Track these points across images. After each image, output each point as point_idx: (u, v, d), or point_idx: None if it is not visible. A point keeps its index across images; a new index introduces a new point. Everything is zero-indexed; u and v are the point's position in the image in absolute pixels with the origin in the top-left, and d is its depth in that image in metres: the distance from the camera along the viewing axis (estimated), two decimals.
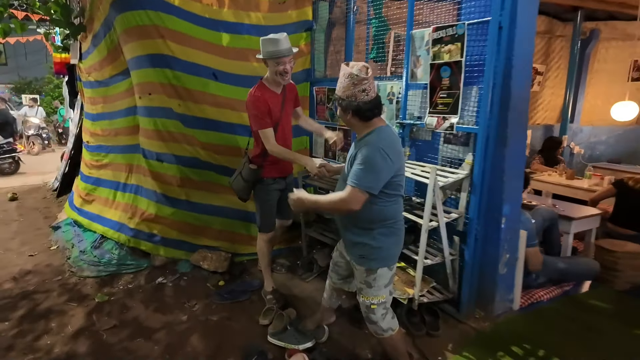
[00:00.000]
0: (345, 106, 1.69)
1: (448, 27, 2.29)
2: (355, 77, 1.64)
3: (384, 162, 1.62)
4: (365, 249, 1.82)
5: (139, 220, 3.74)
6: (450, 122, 2.34)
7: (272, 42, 2.38)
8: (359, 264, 1.86)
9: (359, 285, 1.90)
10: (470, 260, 2.37)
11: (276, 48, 2.38)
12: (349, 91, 1.67)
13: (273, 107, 2.49)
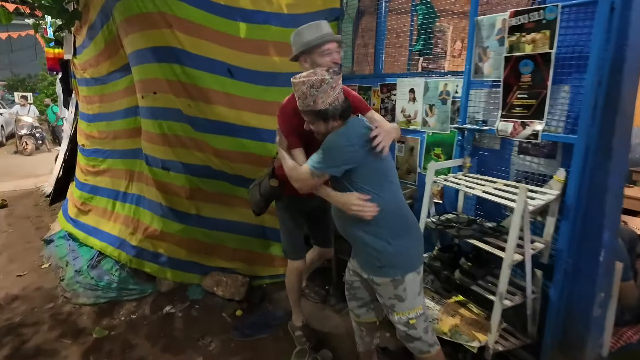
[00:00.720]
0: (332, 114, 1.57)
1: (532, 10, 1.83)
2: (330, 80, 1.54)
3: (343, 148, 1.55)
4: (383, 257, 1.62)
5: (142, 236, 3.28)
6: (534, 129, 1.89)
7: (310, 28, 1.80)
8: (380, 275, 1.65)
9: (389, 302, 1.68)
10: (556, 299, 1.92)
11: (319, 33, 1.78)
12: (330, 97, 1.55)
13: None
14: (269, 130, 3.06)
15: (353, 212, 1.59)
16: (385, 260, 1.63)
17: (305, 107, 1.58)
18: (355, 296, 1.90)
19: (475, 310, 2.17)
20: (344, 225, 1.73)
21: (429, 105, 2.53)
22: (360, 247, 1.69)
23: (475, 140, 2.25)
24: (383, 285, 1.67)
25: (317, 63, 1.76)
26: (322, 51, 1.76)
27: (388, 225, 1.62)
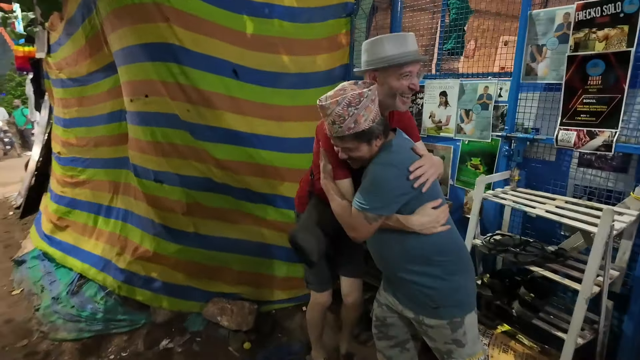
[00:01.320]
0: (377, 132, 1.32)
1: (607, 2, 1.58)
2: (369, 92, 1.28)
3: (396, 179, 1.28)
4: (438, 295, 1.37)
5: (132, 258, 2.90)
6: (605, 139, 1.64)
7: (393, 40, 1.39)
8: (436, 317, 1.39)
9: (445, 347, 1.42)
10: (631, 333, 1.68)
11: (404, 48, 1.37)
12: (372, 113, 1.30)
13: None
14: (278, 137, 2.74)
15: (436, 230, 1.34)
16: (441, 300, 1.37)
17: (346, 131, 1.29)
18: (387, 335, 1.61)
19: (527, 343, 1.91)
20: (386, 263, 1.47)
21: (464, 110, 2.27)
22: (406, 285, 1.42)
23: (526, 150, 1.99)
24: (437, 327, 1.40)
25: (391, 85, 1.40)
26: (403, 72, 1.38)
27: (442, 261, 1.37)
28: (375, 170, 1.30)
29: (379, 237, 1.41)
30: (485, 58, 3.72)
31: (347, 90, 1.28)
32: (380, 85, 1.41)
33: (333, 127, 1.31)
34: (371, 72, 1.44)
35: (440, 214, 1.34)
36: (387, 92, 1.41)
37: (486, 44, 3.85)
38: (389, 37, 1.41)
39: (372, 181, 1.30)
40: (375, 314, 1.64)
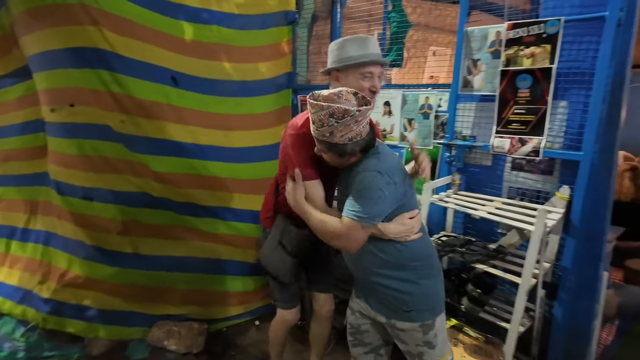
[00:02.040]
0: (350, 151, 1.30)
1: (532, 24, 1.77)
2: (356, 113, 1.23)
3: (387, 187, 1.29)
4: (410, 299, 1.40)
5: (58, 285, 2.60)
6: (534, 145, 1.83)
7: (354, 42, 1.46)
8: (408, 320, 1.42)
9: (416, 350, 1.46)
10: (561, 318, 1.89)
11: (364, 50, 1.45)
12: (352, 132, 1.26)
13: None
14: (224, 147, 2.65)
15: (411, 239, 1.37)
16: (414, 303, 1.40)
17: (320, 136, 1.30)
18: (362, 342, 1.62)
19: (473, 335, 2.06)
20: (362, 270, 1.47)
21: (407, 119, 2.38)
22: (379, 289, 1.44)
23: (465, 156, 2.15)
24: (410, 331, 1.43)
25: (352, 85, 1.44)
26: (364, 72, 1.44)
27: (415, 266, 1.40)
28: (367, 178, 1.28)
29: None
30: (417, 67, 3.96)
31: (340, 98, 1.25)
32: (342, 84, 1.46)
33: (312, 125, 1.32)
34: (334, 71, 1.49)
35: (415, 224, 1.38)
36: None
37: (417, 54, 4.10)
38: (352, 38, 1.47)
39: (366, 189, 1.28)
40: (349, 321, 1.64)
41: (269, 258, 1.69)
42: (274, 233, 1.69)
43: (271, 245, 1.68)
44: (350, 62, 1.43)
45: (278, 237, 1.67)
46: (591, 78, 1.68)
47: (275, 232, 1.68)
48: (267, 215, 1.77)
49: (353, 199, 1.30)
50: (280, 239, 1.67)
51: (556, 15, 1.74)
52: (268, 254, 1.69)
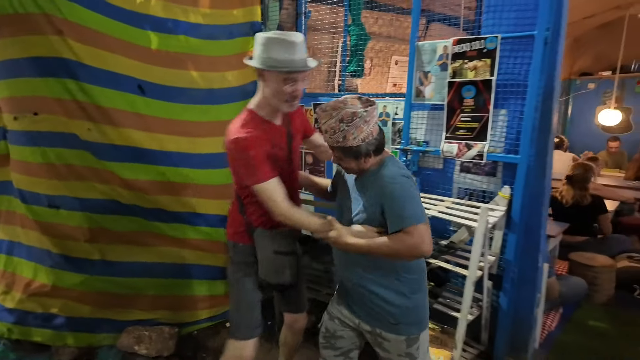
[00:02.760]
0: (365, 151, 1.37)
1: (474, 40, 1.96)
2: (364, 113, 1.32)
3: (415, 188, 1.40)
4: (400, 313, 1.43)
5: (23, 295, 2.58)
6: (478, 150, 2.01)
7: (282, 44, 1.43)
8: (394, 332, 1.45)
9: (397, 359, 1.49)
10: (506, 306, 2.08)
11: (290, 56, 1.44)
12: (363, 133, 1.34)
13: (275, 147, 1.58)
14: (190, 154, 2.70)
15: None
16: (402, 317, 1.44)
17: (334, 144, 1.37)
18: (334, 346, 1.64)
19: (431, 326, 2.22)
20: (356, 274, 1.49)
21: None
22: (369, 297, 1.47)
23: (419, 160, 2.32)
24: (394, 342, 1.47)
25: (274, 87, 1.49)
26: (288, 78, 1.47)
27: (409, 279, 1.44)
28: (401, 186, 1.34)
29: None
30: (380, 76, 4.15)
31: (346, 105, 1.32)
32: (266, 84, 1.50)
33: (325, 135, 1.39)
34: (260, 70, 1.49)
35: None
36: (272, 94, 1.50)
37: (380, 63, 4.29)
38: (280, 39, 1.44)
39: (406, 197, 1.32)
40: (325, 325, 1.67)
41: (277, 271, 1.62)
42: (264, 247, 1.63)
43: (268, 258, 1.63)
44: (276, 69, 1.44)
45: (271, 248, 1.62)
46: (525, 89, 1.88)
47: (264, 246, 1.63)
48: (238, 230, 1.73)
49: (401, 208, 1.31)
50: (274, 248, 1.63)
51: (495, 32, 1.94)
52: (271, 268, 1.63)
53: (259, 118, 1.57)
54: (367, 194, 1.41)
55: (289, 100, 1.51)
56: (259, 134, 1.51)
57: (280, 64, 1.44)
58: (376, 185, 1.37)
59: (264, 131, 1.54)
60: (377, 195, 1.37)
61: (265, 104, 1.56)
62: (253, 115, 1.56)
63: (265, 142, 1.53)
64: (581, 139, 7.04)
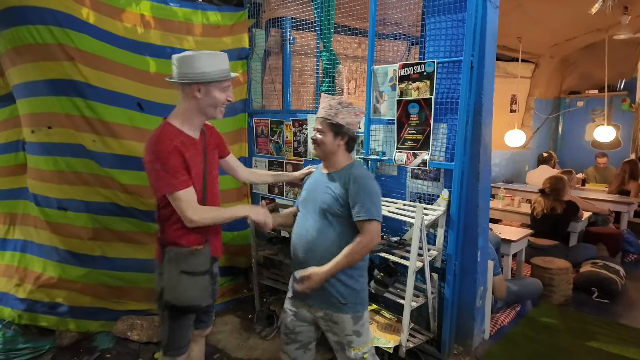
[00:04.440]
0: (344, 132, 1.69)
1: (416, 64, 2.29)
2: (358, 109, 1.72)
3: (379, 193, 1.69)
4: (349, 293, 1.68)
5: (33, 287, 2.92)
6: (422, 158, 2.32)
7: (211, 58, 1.62)
8: (344, 312, 1.68)
9: (346, 339, 1.71)
10: (450, 296, 2.34)
11: (221, 66, 1.65)
12: (349, 119, 1.69)
13: (191, 160, 1.65)
14: None
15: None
16: (351, 297, 1.67)
17: (324, 115, 1.67)
18: (296, 340, 1.82)
19: (388, 316, 2.48)
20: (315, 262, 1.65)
21: None
22: (334, 284, 1.66)
23: (378, 168, 2.63)
24: (342, 322, 1.68)
25: (213, 96, 1.63)
26: (223, 87, 1.66)
27: (360, 265, 1.70)
28: (367, 183, 1.63)
29: (320, 230, 1.66)
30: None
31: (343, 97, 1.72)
32: (203, 96, 1.62)
33: (320, 111, 1.70)
34: (195, 84, 1.60)
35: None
36: (210, 103, 1.64)
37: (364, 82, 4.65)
38: (208, 55, 1.62)
39: (371, 193, 1.62)
40: (285, 323, 1.83)
41: (179, 291, 1.62)
42: (169, 267, 1.64)
43: (173, 278, 1.62)
44: (212, 78, 1.59)
45: (177, 268, 1.63)
46: (457, 106, 2.19)
47: (170, 265, 1.64)
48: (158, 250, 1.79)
49: (367, 202, 1.59)
50: (181, 268, 1.63)
51: (433, 58, 2.27)
52: (174, 287, 1.62)
53: (178, 131, 1.65)
54: (334, 184, 1.67)
55: (224, 106, 1.70)
56: (178, 145, 1.60)
57: (220, 75, 1.62)
58: (345, 178, 1.65)
59: (182, 143, 1.62)
60: (344, 185, 1.63)
61: (190, 117, 1.68)
62: (173, 129, 1.65)
63: (184, 153, 1.61)
64: (572, 155, 7.27)
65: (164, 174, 1.58)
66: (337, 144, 1.69)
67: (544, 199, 3.83)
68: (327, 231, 1.66)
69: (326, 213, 1.67)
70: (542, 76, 6.63)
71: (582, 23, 5.00)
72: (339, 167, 1.72)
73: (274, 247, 3.02)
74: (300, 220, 1.79)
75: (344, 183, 1.65)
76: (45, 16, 2.56)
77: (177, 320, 1.74)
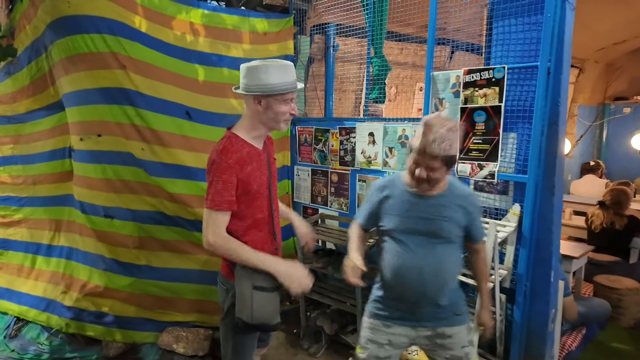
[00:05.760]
0: (455, 161, 1.54)
1: (483, 70, 2.16)
2: (458, 127, 1.51)
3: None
4: (461, 302, 1.68)
5: (79, 295, 2.91)
6: (490, 170, 2.17)
7: (278, 69, 1.55)
8: (459, 323, 1.64)
9: (462, 352, 1.62)
10: (519, 320, 2.17)
11: (288, 78, 1.57)
12: (458, 143, 1.50)
13: (255, 172, 1.61)
14: None
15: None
16: (463, 306, 1.66)
17: (440, 152, 1.43)
18: None
19: None
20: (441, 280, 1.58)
21: (388, 147, 2.75)
22: (441, 303, 1.59)
23: None
24: (457, 334, 1.61)
25: (274, 109, 1.57)
26: (286, 99, 1.59)
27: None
28: (477, 201, 1.65)
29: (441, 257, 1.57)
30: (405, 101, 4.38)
31: (448, 117, 1.51)
32: (265, 109, 1.57)
33: (432, 145, 1.42)
34: (258, 96, 1.56)
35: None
36: (272, 117, 1.59)
37: (405, 89, 4.53)
38: (274, 66, 1.55)
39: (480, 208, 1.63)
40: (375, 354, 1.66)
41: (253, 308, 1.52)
42: (241, 283, 1.55)
43: (246, 294, 1.54)
44: (276, 90, 1.53)
45: (250, 284, 1.54)
46: (531, 114, 2.04)
47: (242, 281, 1.55)
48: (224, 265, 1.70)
49: (480, 220, 1.62)
50: (255, 284, 1.54)
51: (502, 63, 2.13)
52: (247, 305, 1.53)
53: (243, 141, 1.61)
54: (448, 209, 1.55)
55: (288, 119, 1.64)
56: (242, 157, 1.56)
57: (282, 87, 1.55)
58: (459, 198, 1.58)
59: (248, 154, 1.59)
60: (461, 208, 1.57)
61: (253, 128, 1.64)
62: (238, 139, 1.61)
63: (247, 165, 1.58)
64: (618, 164, 6.88)
65: (213, 187, 1.54)
66: (445, 173, 1.53)
67: (603, 211, 3.59)
68: (449, 258, 1.59)
69: (444, 239, 1.58)
70: (587, 82, 6.33)
71: (634, 26, 4.75)
72: (443, 187, 1.59)
73: (321, 260, 2.91)
74: (404, 250, 1.59)
75: (460, 207, 1.57)
76: (100, 25, 2.55)
77: (245, 338, 1.66)
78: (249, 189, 1.59)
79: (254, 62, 1.63)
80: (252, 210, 1.63)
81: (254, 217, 1.64)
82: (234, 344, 1.67)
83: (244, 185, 1.57)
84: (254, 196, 1.62)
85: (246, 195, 1.59)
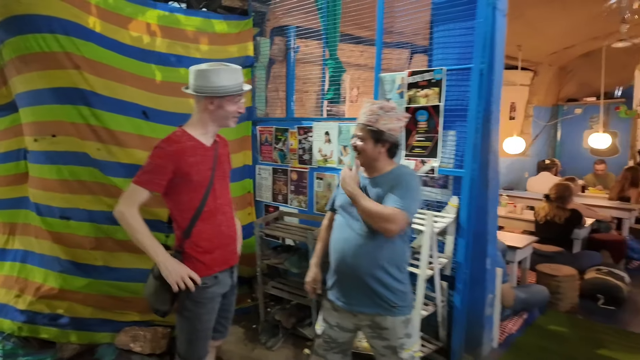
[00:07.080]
0: (384, 139, 1.62)
1: (424, 72, 2.30)
2: (401, 113, 1.69)
3: (420, 193, 1.67)
4: (398, 295, 1.65)
5: (33, 298, 2.86)
6: (431, 165, 2.32)
7: (226, 72, 1.70)
8: (395, 315, 1.65)
9: (398, 342, 1.66)
10: (460, 305, 2.31)
11: (236, 80, 1.72)
12: (391, 124, 1.62)
13: (197, 164, 1.74)
14: None
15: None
16: (400, 299, 1.65)
17: (365, 121, 1.61)
18: (337, 347, 1.80)
19: None
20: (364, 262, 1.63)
21: (343, 145, 2.86)
22: (376, 286, 1.63)
23: None
24: (394, 327, 1.65)
25: (225, 109, 1.72)
26: (236, 99, 1.75)
27: (405, 268, 1.68)
28: (411, 179, 1.62)
29: (369, 235, 1.60)
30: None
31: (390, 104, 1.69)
32: (216, 108, 1.71)
33: (361, 117, 1.63)
34: (210, 97, 1.69)
35: None
36: (222, 115, 1.74)
37: (367, 90, 4.67)
38: (224, 70, 1.70)
39: (410, 189, 1.58)
40: (327, 334, 1.78)
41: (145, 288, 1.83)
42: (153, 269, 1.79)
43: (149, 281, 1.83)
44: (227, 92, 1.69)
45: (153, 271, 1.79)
46: (466, 113, 2.20)
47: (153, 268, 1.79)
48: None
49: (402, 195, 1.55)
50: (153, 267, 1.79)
51: (442, 65, 2.28)
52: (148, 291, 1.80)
53: (189, 136, 1.75)
54: (379, 189, 1.62)
55: (236, 117, 1.80)
56: (183, 147, 1.70)
57: (233, 89, 1.71)
58: (392, 181, 1.60)
59: (191, 147, 1.73)
60: (390, 188, 1.58)
61: (203, 126, 1.78)
62: (183, 132, 1.76)
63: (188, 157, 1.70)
64: (571, 162, 7.31)
65: (145, 166, 1.70)
66: (378, 151, 1.64)
67: (548, 204, 3.83)
68: (376, 234, 1.60)
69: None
70: (541, 84, 6.69)
71: (581, 31, 5.07)
72: (383, 171, 1.68)
73: (279, 256, 2.99)
74: (343, 226, 1.71)
75: (391, 187, 1.60)
76: (52, 24, 2.55)
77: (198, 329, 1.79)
78: (190, 179, 1.72)
79: (202, 65, 1.76)
80: (191, 200, 1.76)
81: (195, 208, 1.77)
82: (187, 333, 1.80)
83: (184, 175, 1.71)
84: (195, 187, 1.75)
85: (186, 186, 1.74)
